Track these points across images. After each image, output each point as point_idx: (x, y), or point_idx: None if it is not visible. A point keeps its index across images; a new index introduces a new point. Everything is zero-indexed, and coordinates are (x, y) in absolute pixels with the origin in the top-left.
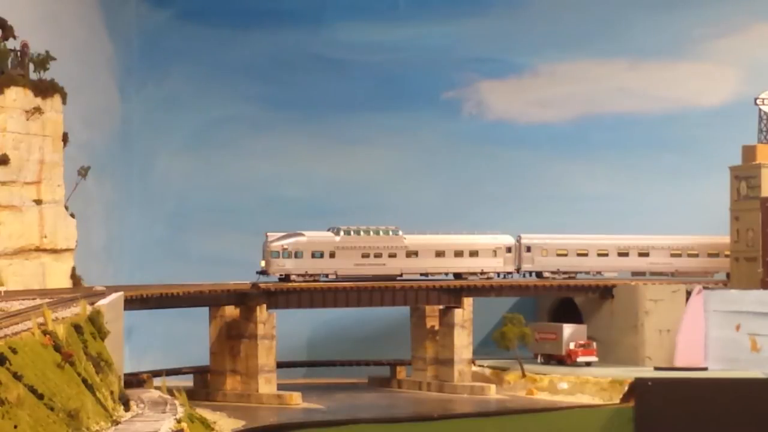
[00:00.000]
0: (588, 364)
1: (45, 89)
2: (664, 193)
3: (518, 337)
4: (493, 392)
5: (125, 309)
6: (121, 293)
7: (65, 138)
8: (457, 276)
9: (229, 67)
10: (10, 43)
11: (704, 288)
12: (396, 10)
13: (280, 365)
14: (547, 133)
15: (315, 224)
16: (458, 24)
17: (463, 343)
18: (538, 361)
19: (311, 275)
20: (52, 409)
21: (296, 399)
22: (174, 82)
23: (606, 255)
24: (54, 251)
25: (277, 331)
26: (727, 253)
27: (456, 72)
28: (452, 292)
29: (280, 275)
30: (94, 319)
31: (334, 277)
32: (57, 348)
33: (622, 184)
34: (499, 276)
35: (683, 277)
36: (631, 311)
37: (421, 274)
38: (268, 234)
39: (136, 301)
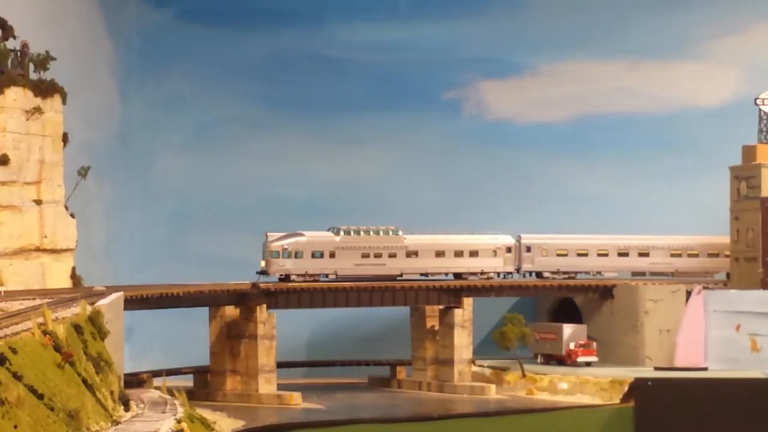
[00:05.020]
0: (588, 364)
1: (45, 89)
2: (664, 193)
3: (518, 337)
4: (493, 392)
5: (125, 309)
6: (121, 293)
7: (65, 138)
8: (457, 276)
9: (229, 67)
10: (10, 43)
11: (704, 288)
12: (396, 10)
13: (280, 365)
14: (547, 133)
15: (315, 224)
16: (458, 24)
17: (463, 343)
18: (538, 361)
19: (311, 275)
20: (52, 409)
21: (296, 399)
22: (174, 82)
23: (606, 255)
24: (54, 251)
25: (277, 331)
26: (727, 253)
27: (456, 72)
28: (452, 292)
29: (280, 275)
30: (94, 319)
31: (334, 277)
32: (57, 348)
33: (622, 184)
34: (499, 276)
35: (683, 277)
36: (631, 311)
37: (421, 274)
38: (268, 234)
39: (136, 301)
